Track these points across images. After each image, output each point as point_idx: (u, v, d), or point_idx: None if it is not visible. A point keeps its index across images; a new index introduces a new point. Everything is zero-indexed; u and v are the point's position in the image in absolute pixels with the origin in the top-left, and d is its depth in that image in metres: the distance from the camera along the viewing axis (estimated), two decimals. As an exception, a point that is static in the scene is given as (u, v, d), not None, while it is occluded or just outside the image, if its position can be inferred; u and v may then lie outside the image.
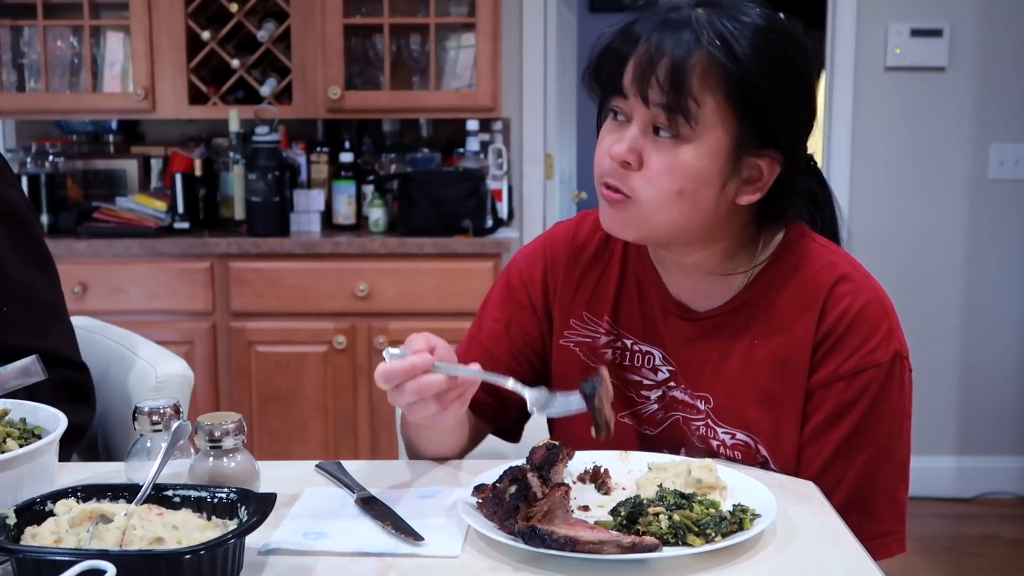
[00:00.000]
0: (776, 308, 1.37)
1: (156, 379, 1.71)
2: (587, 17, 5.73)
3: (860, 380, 1.32)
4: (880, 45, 3.76)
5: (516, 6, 3.80)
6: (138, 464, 1.22)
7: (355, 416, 3.46)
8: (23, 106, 3.72)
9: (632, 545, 1.06)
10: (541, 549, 1.06)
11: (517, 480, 1.17)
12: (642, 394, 1.43)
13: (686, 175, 1.28)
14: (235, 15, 3.55)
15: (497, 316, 1.50)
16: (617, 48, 1.31)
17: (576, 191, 4.39)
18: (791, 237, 1.40)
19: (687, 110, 1.25)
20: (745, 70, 1.25)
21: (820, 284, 1.35)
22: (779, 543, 1.14)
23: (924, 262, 3.78)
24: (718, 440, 1.39)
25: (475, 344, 1.50)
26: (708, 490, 1.22)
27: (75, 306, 3.29)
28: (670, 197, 1.29)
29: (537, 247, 1.53)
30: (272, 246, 3.42)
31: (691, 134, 1.27)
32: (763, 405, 1.36)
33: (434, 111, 3.64)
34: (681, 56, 1.25)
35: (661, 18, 1.29)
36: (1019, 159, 3.80)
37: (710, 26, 1.26)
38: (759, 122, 1.28)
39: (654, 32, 1.28)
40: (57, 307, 1.69)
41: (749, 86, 1.26)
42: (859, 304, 1.33)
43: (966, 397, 3.84)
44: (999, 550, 3.53)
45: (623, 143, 1.29)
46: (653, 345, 1.43)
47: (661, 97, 1.26)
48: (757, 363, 1.36)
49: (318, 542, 1.15)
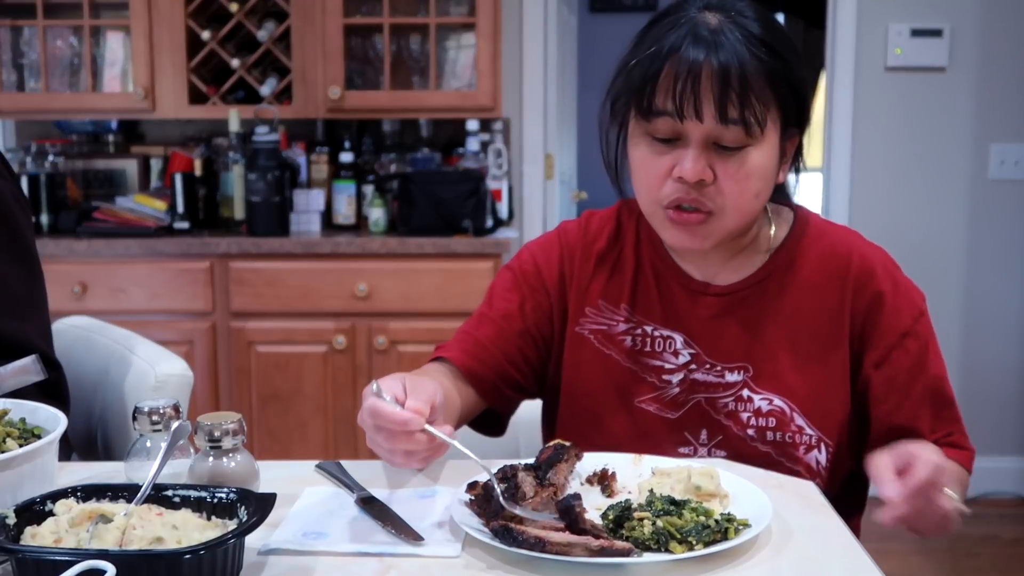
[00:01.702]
0: (804, 277, 1.43)
1: (156, 379, 1.71)
2: (587, 17, 5.74)
3: (920, 327, 1.43)
4: (880, 45, 3.76)
5: (516, 6, 3.80)
6: (138, 464, 1.22)
7: (355, 416, 3.45)
8: (23, 106, 3.72)
9: (601, 549, 1.06)
10: (512, 548, 1.07)
11: (507, 479, 1.18)
12: (663, 378, 1.45)
13: (761, 176, 1.33)
14: (235, 15, 3.55)
15: (510, 297, 1.50)
16: (655, 71, 1.31)
17: (576, 191, 4.39)
18: (801, 214, 1.48)
19: (760, 119, 1.29)
20: (783, 61, 1.31)
21: (842, 255, 1.43)
22: (778, 543, 1.14)
23: (924, 262, 3.78)
24: (750, 411, 1.41)
25: (486, 322, 1.49)
26: (708, 497, 1.20)
27: (75, 306, 3.31)
28: (750, 201, 1.35)
29: (551, 238, 1.54)
30: (272, 246, 3.42)
31: (757, 136, 1.31)
32: (801, 370, 1.41)
33: (434, 111, 3.64)
34: (737, 66, 1.27)
35: (690, 32, 1.30)
36: (1019, 159, 3.80)
37: (739, 29, 1.30)
38: (795, 104, 1.34)
39: (690, 48, 1.29)
40: (34, 300, 1.65)
41: (789, 76, 1.32)
42: (886, 270, 1.43)
43: (966, 397, 3.82)
44: (999, 550, 3.53)
45: (691, 164, 1.30)
46: (674, 329, 1.45)
47: (733, 112, 1.28)
48: (793, 330, 1.42)
49: (318, 542, 1.15)
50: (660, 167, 1.33)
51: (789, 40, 1.35)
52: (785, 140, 1.36)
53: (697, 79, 1.27)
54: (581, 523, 1.10)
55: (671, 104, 1.29)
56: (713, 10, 1.33)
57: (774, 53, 1.30)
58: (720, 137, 1.30)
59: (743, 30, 1.30)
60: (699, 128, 1.29)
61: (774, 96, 1.31)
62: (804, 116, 1.37)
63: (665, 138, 1.32)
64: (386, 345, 3.37)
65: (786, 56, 1.32)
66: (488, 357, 1.46)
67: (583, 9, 5.66)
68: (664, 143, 1.33)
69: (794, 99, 1.34)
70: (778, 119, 1.33)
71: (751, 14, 1.32)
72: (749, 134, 1.29)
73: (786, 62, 1.32)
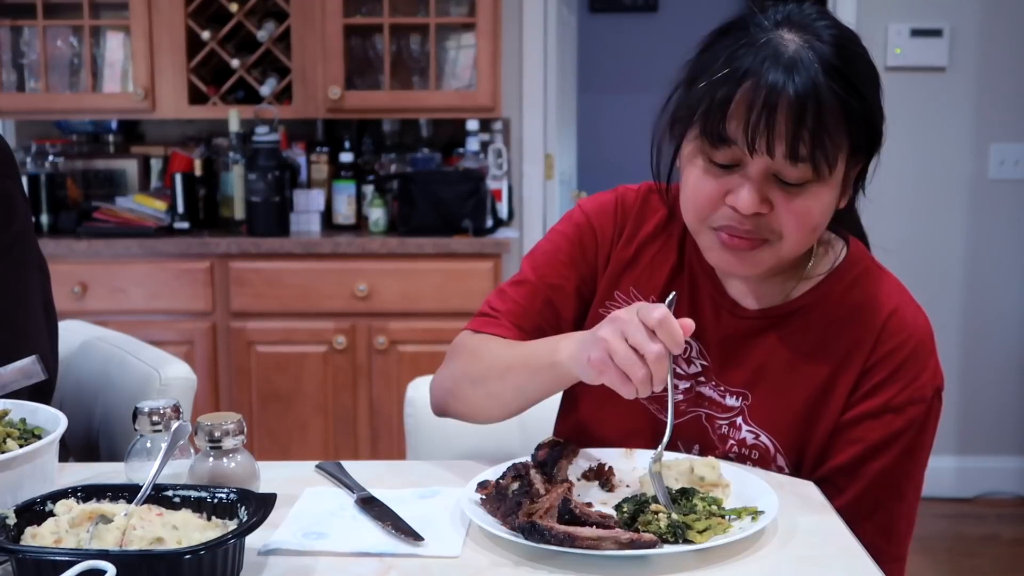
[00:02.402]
0: (832, 322, 1.35)
1: (160, 382, 1.71)
2: (587, 17, 5.74)
3: (909, 413, 1.32)
4: (880, 45, 3.75)
5: (516, 6, 3.80)
6: (138, 464, 1.22)
7: (355, 416, 3.46)
8: (23, 106, 3.72)
9: (630, 541, 1.06)
10: (540, 544, 1.07)
11: (520, 477, 1.18)
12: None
13: (821, 212, 1.26)
14: (235, 15, 3.55)
15: (567, 274, 1.44)
16: (727, 95, 1.22)
17: (576, 191, 4.39)
18: (855, 252, 1.39)
19: (830, 159, 1.21)
20: (859, 95, 1.22)
21: (878, 309, 1.34)
22: (779, 543, 1.14)
23: (924, 262, 3.78)
24: (736, 439, 1.37)
25: (538, 295, 1.44)
26: (711, 487, 1.23)
27: (75, 306, 3.31)
28: (807, 235, 1.28)
29: (608, 203, 1.47)
30: (272, 246, 3.42)
31: (824, 176, 1.23)
32: (799, 416, 1.35)
33: (434, 111, 3.64)
34: (814, 101, 1.19)
35: (769, 56, 1.21)
36: (1019, 159, 3.80)
37: (818, 57, 1.20)
38: (866, 135, 1.26)
39: (768, 74, 1.20)
40: (25, 300, 1.64)
41: (864, 109, 1.23)
42: (917, 338, 1.33)
43: (966, 397, 3.84)
44: (999, 550, 3.53)
45: (748, 197, 1.23)
46: (693, 338, 1.38)
47: (803, 150, 1.19)
48: (803, 373, 1.35)
49: (318, 542, 1.15)
50: (714, 191, 1.26)
51: (865, 61, 1.26)
52: (851, 168, 1.28)
53: (773, 112, 1.19)
54: (584, 517, 1.10)
55: (742, 135, 1.21)
56: (792, 28, 1.23)
57: (850, 86, 1.21)
58: (783, 172, 1.22)
59: (821, 59, 1.20)
60: (764, 162, 1.21)
61: (847, 133, 1.23)
62: (875, 143, 1.29)
63: (725, 164, 1.25)
64: (386, 345, 3.37)
65: (863, 88, 1.23)
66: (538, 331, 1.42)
67: (583, 9, 5.65)
68: (722, 167, 1.25)
69: (867, 131, 1.26)
70: (847, 153, 1.25)
71: (828, 36, 1.23)
72: (817, 173, 1.22)
73: (862, 96, 1.23)
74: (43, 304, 1.68)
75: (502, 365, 1.37)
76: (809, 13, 1.26)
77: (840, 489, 1.32)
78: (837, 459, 1.33)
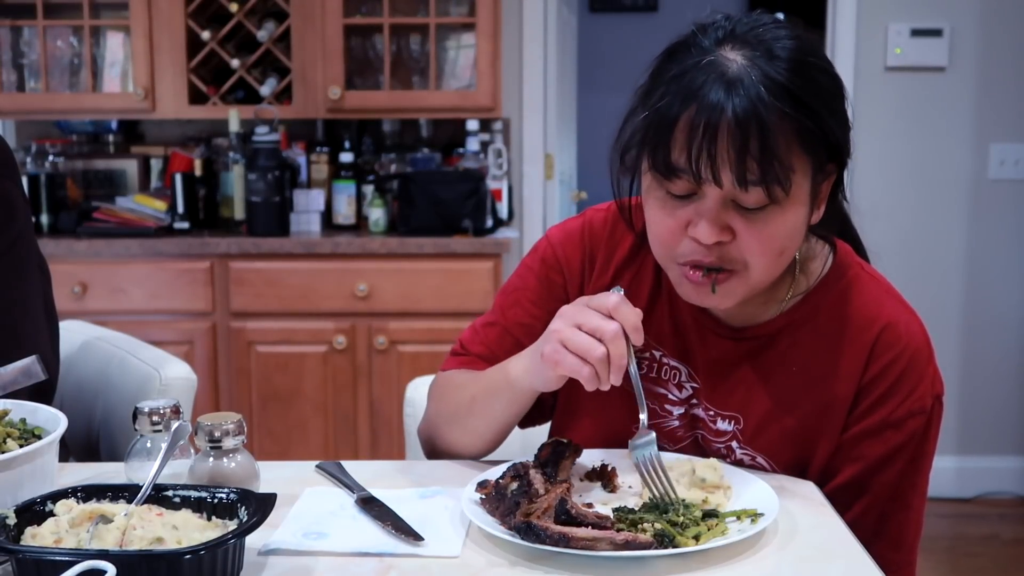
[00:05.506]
0: (821, 337, 1.32)
1: (161, 383, 1.72)
2: (587, 17, 5.74)
3: (909, 426, 1.30)
4: (880, 45, 3.76)
5: (516, 6, 3.80)
6: (138, 464, 1.22)
7: (355, 416, 3.46)
8: (23, 106, 3.72)
9: (625, 542, 1.06)
10: (536, 544, 1.07)
11: (519, 477, 1.18)
12: (665, 408, 1.38)
13: (786, 235, 1.21)
14: (235, 15, 3.55)
15: (535, 313, 1.42)
16: (669, 123, 1.16)
17: (576, 191, 4.39)
18: (841, 259, 1.35)
19: (783, 181, 1.15)
20: (811, 111, 1.16)
21: (870, 323, 1.30)
22: (779, 543, 1.14)
23: (924, 262, 3.78)
24: (733, 460, 1.36)
25: (507, 336, 1.43)
26: (713, 489, 1.22)
27: (75, 306, 3.31)
28: (774, 259, 1.23)
29: (575, 231, 1.43)
30: (272, 246, 3.42)
31: (781, 199, 1.17)
32: (794, 437, 1.33)
33: (434, 111, 3.64)
34: (756, 124, 1.13)
35: (708, 78, 1.15)
36: (1019, 159, 3.80)
37: (762, 75, 1.14)
38: (826, 148, 1.20)
39: (708, 96, 1.14)
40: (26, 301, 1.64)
41: (818, 125, 1.17)
42: (911, 351, 1.30)
43: (966, 397, 3.84)
44: (999, 550, 3.53)
45: (707, 228, 1.18)
46: (681, 361, 1.37)
47: (752, 175, 1.14)
48: (795, 394, 1.32)
49: (318, 542, 1.15)
50: (676, 223, 1.21)
51: (822, 71, 1.20)
52: (819, 183, 1.23)
53: (715, 137, 1.13)
54: (581, 517, 1.11)
55: (686, 164, 1.16)
56: (736, 45, 1.17)
57: (798, 103, 1.14)
58: (739, 198, 1.17)
59: (765, 76, 1.14)
60: (716, 190, 1.17)
61: (804, 151, 1.17)
62: (842, 155, 1.22)
63: (681, 195, 1.20)
64: (386, 345, 3.37)
65: (814, 103, 1.16)
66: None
67: (583, 9, 5.65)
68: (679, 198, 1.20)
69: (826, 147, 1.19)
70: (808, 171, 1.19)
71: (780, 49, 1.17)
72: (771, 197, 1.16)
73: (813, 111, 1.16)
74: (43, 304, 1.68)
75: (467, 398, 1.39)
76: (758, 24, 1.20)
77: (846, 506, 1.31)
78: (840, 478, 1.32)
